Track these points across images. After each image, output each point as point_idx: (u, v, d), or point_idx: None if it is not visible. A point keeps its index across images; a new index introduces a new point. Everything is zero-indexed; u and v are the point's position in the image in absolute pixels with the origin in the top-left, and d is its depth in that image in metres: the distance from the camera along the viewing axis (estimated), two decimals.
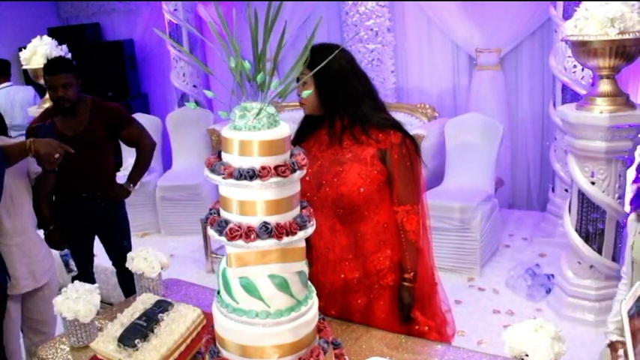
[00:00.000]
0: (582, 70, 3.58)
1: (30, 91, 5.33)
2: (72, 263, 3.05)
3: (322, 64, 1.34)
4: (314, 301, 1.38)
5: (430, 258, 2.01)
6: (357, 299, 1.92)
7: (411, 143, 1.86)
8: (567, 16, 3.42)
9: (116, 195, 3.10)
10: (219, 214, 1.32)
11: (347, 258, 1.90)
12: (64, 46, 4.42)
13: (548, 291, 3.31)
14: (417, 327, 1.93)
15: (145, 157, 3.16)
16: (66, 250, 3.03)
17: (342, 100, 1.82)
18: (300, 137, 1.94)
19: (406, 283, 1.89)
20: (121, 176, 3.56)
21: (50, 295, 2.57)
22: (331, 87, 1.81)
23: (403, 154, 1.83)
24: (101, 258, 3.42)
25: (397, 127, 1.86)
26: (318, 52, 1.40)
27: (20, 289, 2.50)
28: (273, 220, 1.25)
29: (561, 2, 3.64)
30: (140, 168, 3.16)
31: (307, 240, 1.35)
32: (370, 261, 1.89)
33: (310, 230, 1.31)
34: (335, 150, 1.87)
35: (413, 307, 1.91)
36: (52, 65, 2.89)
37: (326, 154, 1.88)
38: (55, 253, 2.87)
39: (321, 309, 1.44)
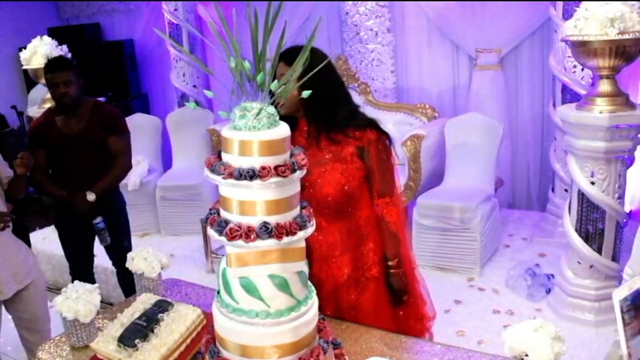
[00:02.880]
0: (582, 70, 3.58)
1: None
2: (106, 234, 2.91)
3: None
4: (314, 301, 1.38)
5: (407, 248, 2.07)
6: (349, 295, 1.97)
7: (386, 139, 1.95)
8: (567, 16, 3.42)
9: (77, 207, 2.89)
10: (219, 214, 1.32)
11: (333, 255, 1.96)
12: (64, 46, 4.41)
13: (548, 291, 3.31)
14: (401, 313, 2.01)
15: (115, 172, 3.02)
16: (99, 218, 2.88)
17: (323, 102, 1.86)
18: None
19: (392, 270, 1.96)
20: None
21: (36, 293, 2.59)
22: (316, 88, 1.81)
23: (379, 149, 1.92)
24: (101, 258, 3.42)
25: (373, 125, 1.94)
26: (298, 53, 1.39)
27: (5, 295, 2.49)
28: (273, 220, 1.25)
29: (561, 2, 3.64)
30: (107, 181, 2.97)
31: (306, 240, 1.35)
32: (355, 255, 1.96)
33: (310, 230, 1.31)
34: (313, 151, 1.89)
35: (407, 292, 2.00)
36: (53, 63, 2.93)
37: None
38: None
39: (319, 309, 1.44)
